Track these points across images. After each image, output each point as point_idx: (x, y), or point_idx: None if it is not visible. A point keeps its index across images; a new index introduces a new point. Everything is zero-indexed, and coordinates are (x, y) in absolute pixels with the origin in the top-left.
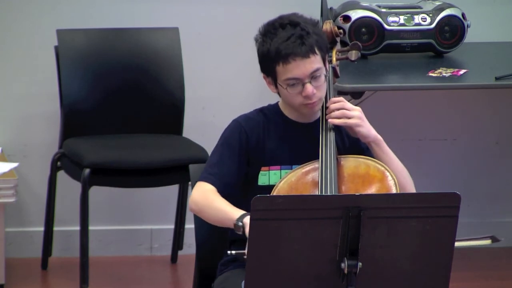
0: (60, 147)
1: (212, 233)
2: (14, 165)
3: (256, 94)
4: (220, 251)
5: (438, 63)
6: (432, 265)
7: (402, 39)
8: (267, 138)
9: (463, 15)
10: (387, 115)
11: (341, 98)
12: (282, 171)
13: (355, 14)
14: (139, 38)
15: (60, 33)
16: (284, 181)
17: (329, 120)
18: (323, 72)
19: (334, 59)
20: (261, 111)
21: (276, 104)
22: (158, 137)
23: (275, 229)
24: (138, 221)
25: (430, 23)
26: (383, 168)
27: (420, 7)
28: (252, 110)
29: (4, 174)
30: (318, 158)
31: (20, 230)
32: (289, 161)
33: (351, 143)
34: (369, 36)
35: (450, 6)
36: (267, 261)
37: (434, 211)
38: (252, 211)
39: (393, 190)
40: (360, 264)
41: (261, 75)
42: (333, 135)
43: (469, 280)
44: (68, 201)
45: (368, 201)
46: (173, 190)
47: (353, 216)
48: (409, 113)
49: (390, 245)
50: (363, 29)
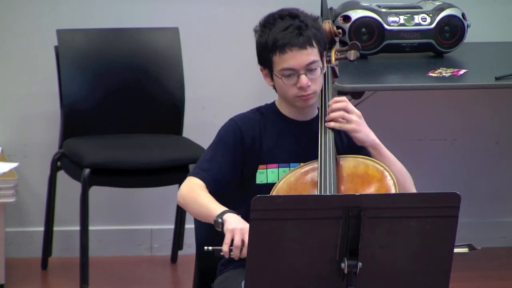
0: (60, 147)
1: (212, 233)
2: (14, 165)
3: (256, 94)
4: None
5: (438, 63)
6: (432, 265)
7: (402, 39)
8: (263, 137)
9: (463, 15)
10: (387, 115)
11: (344, 98)
12: (280, 169)
13: (355, 14)
14: (139, 38)
15: (60, 33)
16: (283, 181)
17: (326, 125)
18: (320, 66)
19: (333, 59)
20: (258, 110)
21: (273, 103)
22: (158, 137)
23: (275, 229)
24: (138, 221)
25: (430, 23)
26: (382, 168)
27: (420, 7)
28: (250, 109)
29: (4, 174)
30: (317, 158)
31: (20, 230)
32: (287, 159)
33: (350, 141)
34: (369, 36)
35: (450, 6)
36: (267, 261)
37: (434, 211)
38: (252, 211)
39: (392, 190)
40: (360, 264)
41: (261, 75)
42: (332, 134)
43: (469, 280)
44: (68, 201)
45: (368, 201)
46: (173, 190)
47: (353, 216)
48: (409, 113)
49: (390, 245)
50: (363, 29)
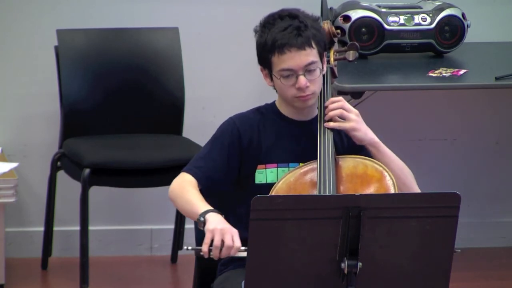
0: (60, 147)
1: None
2: (14, 165)
3: (256, 94)
4: None
5: (438, 63)
6: (432, 265)
7: (402, 39)
8: (262, 137)
9: (463, 15)
10: (387, 115)
11: (340, 98)
12: (279, 169)
13: (355, 14)
14: (139, 38)
15: (60, 33)
16: (282, 181)
17: (325, 125)
18: (319, 67)
19: (332, 59)
20: (257, 110)
21: (273, 102)
22: (158, 137)
23: (275, 229)
24: (138, 221)
25: (430, 23)
26: (381, 168)
27: (420, 7)
28: (250, 109)
29: (4, 174)
30: (316, 158)
31: (20, 230)
32: (286, 159)
33: (350, 141)
34: (369, 36)
35: (450, 6)
36: (267, 261)
37: (434, 211)
38: (252, 211)
39: (392, 190)
40: (360, 264)
41: (261, 75)
42: (331, 135)
43: (469, 280)
44: (68, 201)
45: (368, 201)
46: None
47: (353, 216)
48: (409, 113)
49: (390, 245)
50: (363, 29)
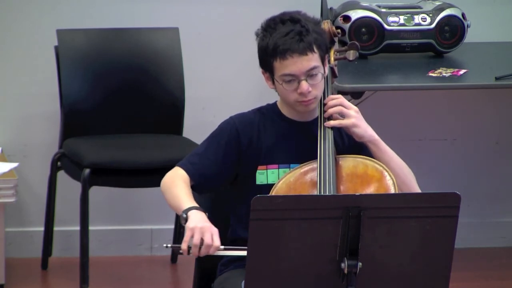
0: (60, 147)
1: None
2: (14, 165)
3: (256, 94)
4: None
5: (438, 63)
6: (432, 265)
7: (402, 39)
8: (263, 137)
9: (463, 15)
10: (387, 115)
11: (339, 95)
12: (280, 169)
13: (355, 14)
14: (139, 38)
15: (60, 33)
16: (282, 181)
17: (325, 124)
18: (321, 71)
19: (332, 59)
20: (259, 110)
21: (274, 103)
22: (158, 137)
23: (275, 229)
24: (138, 221)
25: (430, 23)
26: (381, 168)
27: (420, 7)
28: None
29: (4, 174)
30: (317, 158)
31: (20, 230)
32: (287, 159)
33: (350, 140)
34: (369, 36)
35: (450, 6)
36: (267, 261)
37: (434, 211)
38: (252, 211)
39: (392, 190)
40: (360, 264)
41: (261, 75)
42: (331, 134)
43: (469, 280)
44: (68, 201)
45: (368, 201)
46: None
47: (353, 216)
48: (409, 113)
49: (390, 245)
50: (363, 29)
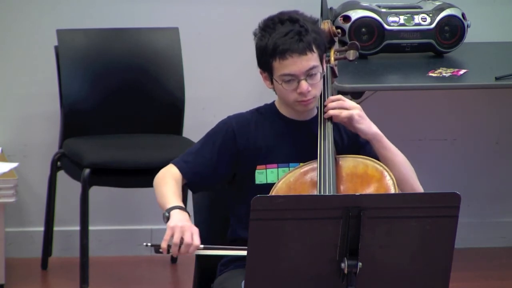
0: (60, 147)
1: (213, 233)
2: (14, 165)
3: (256, 94)
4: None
5: (438, 63)
6: (432, 265)
7: (402, 39)
8: (261, 137)
9: (463, 15)
10: (387, 115)
11: (339, 96)
12: (279, 169)
13: (355, 14)
14: (139, 38)
15: (60, 33)
16: (282, 181)
17: (327, 112)
18: (320, 71)
19: (332, 59)
20: (257, 110)
21: (272, 103)
22: (158, 137)
23: (275, 229)
24: (138, 221)
25: (430, 23)
26: (381, 168)
27: (420, 7)
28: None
29: (4, 174)
30: (317, 158)
31: (20, 230)
32: (286, 159)
33: (350, 139)
34: (369, 36)
35: (450, 6)
36: (267, 261)
37: (434, 211)
38: (252, 211)
39: (392, 190)
40: (360, 264)
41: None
42: (331, 134)
43: (469, 280)
44: (68, 201)
45: (368, 201)
46: None
47: (353, 216)
48: (409, 113)
49: (390, 245)
50: (363, 29)
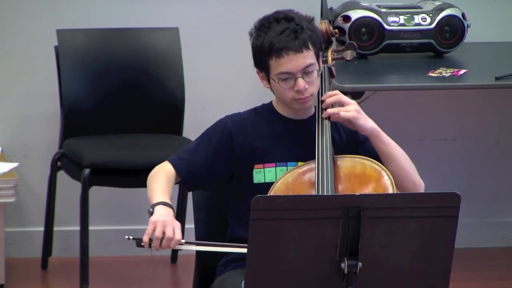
0: (60, 147)
1: (212, 233)
2: (14, 165)
3: (256, 94)
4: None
5: (438, 63)
6: (432, 265)
7: (402, 39)
8: (258, 136)
9: (463, 15)
10: (387, 115)
11: (337, 91)
12: (277, 168)
13: (355, 14)
14: (139, 38)
15: (60, 33)
16: (280, 182)
17: (326, 112)
18: (316, 68)
19: (329, 59)
20: (254, 110)
21: (270, 102)
22: (158, 137)
23: (275, 229)
24: (138, 221)
25: (430, 23)
26: (379, 168)
27: (420, 7)
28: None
29: (4, 174)
30: (315, 158)
31: (20, 230)
32: (284, 158)
33: (348, 137)
34: (369, 36)
35: (450, 6)
36: (267, 261)
37: (434, 211)
38: (252, 211)
39: (390, 190)
40: (360, 264)
41: None
42: (329, 134)
43: (469, 280)
44: (68, 201)
45: (368, 201)
46: (173, 190)
47: (353, 216)
48: (409, 113)
49: (390, 245)
50: (363, 29)
